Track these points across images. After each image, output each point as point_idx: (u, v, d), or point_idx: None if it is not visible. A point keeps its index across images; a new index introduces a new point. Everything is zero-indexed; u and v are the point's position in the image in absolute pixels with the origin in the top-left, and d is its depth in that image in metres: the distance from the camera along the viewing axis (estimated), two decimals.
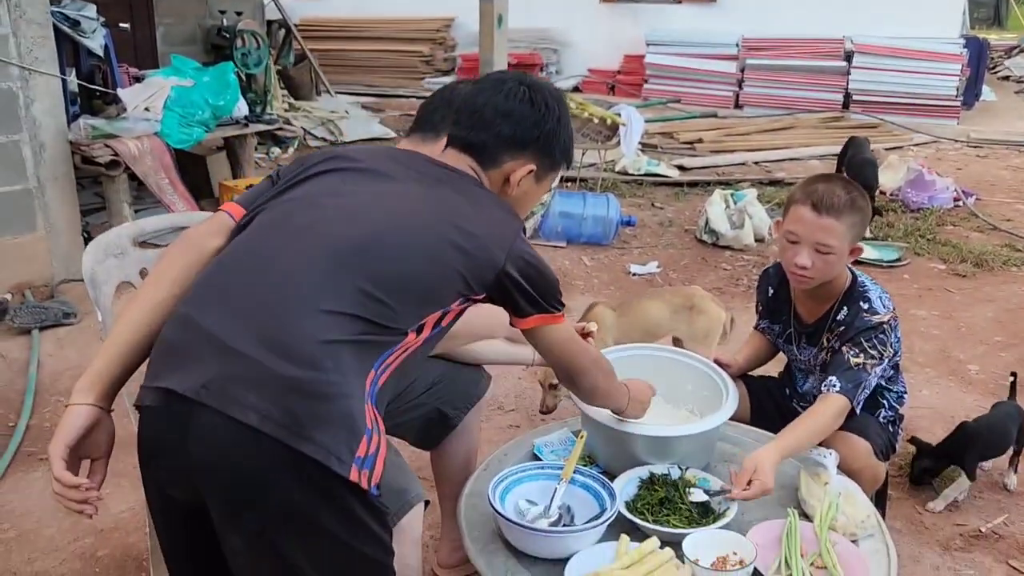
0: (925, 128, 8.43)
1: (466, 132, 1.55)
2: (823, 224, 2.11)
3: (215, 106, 4.56)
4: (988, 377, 3.62)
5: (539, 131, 1.54)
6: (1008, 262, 4.96)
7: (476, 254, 1.41)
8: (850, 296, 2.23)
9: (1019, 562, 2.50)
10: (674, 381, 2.25)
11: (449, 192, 1.47)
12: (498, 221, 1.48)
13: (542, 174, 1.59)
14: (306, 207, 1.44)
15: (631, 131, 5.58)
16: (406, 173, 1.50)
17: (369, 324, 1.32)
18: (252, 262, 1.38)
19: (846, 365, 2.15)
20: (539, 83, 1.58)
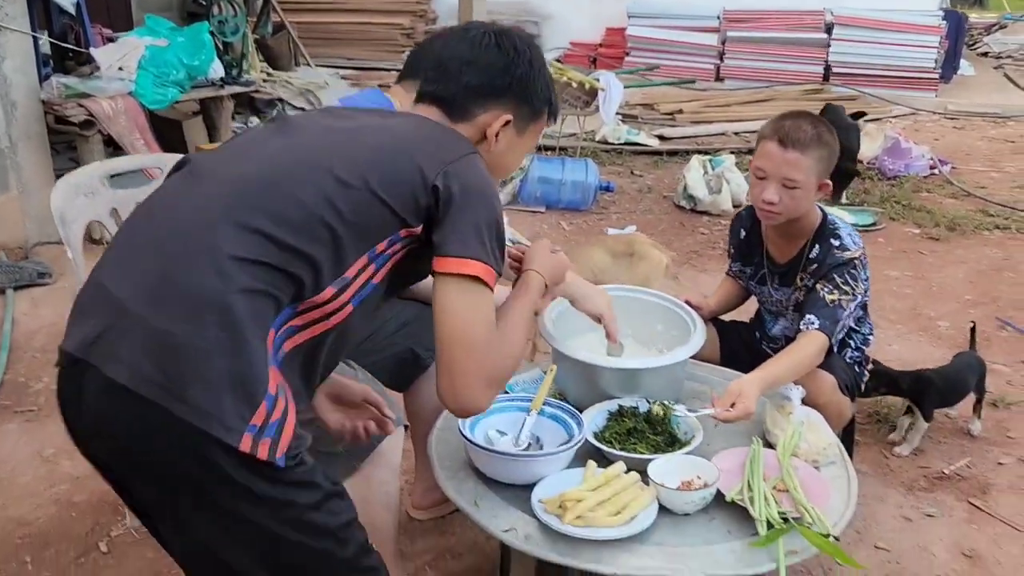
0: (904, 100, 8.48)
1: (433, 86, 1.44)
2: (788, 158, 2.15)
3: (190, 66, 4.52)
4: (957, 332, 3.68)
5: (510, 77, 1.43)
6: (980, 226, 5.03)
7: (401, 173, 1.28)
8: (821, 234, 2.27)
9: (980, 500, 2.56)
10: (644, 321, 2.28)
11: (389, 123, 1.37)
12: (440, 141, 1.35)
13: (523, 124, 1.47)
14: (220, 157, 1.35)
15: (610, 97, 5.58)
16: (351, 116, 1.42)
17: (271, 272, 1.19)
18: (155, 212, 1.29)
19: (822, 302, 2.19)
20: (507, 29, 1.48)
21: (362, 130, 1.35)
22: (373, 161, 1.28)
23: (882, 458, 2.76)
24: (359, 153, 1.30)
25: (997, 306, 3.97)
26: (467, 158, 1.34)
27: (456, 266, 1.29)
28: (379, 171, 1.28)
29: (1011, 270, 4.41)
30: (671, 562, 1.58)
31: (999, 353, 3.50)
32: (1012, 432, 2.93)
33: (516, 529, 1.63)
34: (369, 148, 1.31)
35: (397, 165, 1.29)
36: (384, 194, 1.27)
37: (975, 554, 2.34)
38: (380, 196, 1.27)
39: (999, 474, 2.69)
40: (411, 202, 1.29)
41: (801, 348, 2.16)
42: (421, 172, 1.29)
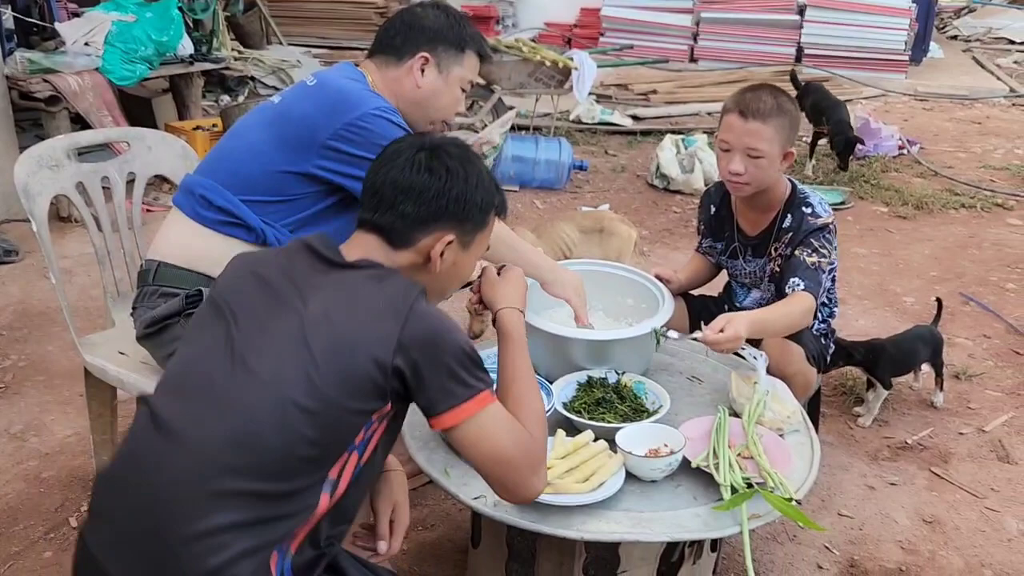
0: (874, 82, 8.55)
1: (370, 214, 1.42)
2: (750, 128, 2.18)
3: (158, 42, 4.46)
4: (922, 308, 3.75)
5: (445, 199, 1.40)
6: (947, 205, 5.11)
7: (358, 373, 1.26)
8: (792, 203, 2.31)
9: (940, 469, 2.63)
10: (614, 295, 2.30)
11: (325, 306, 1.30)
12: (380, 309, 1.30)
13: (467, 239, 1.44)
14: (183, 401, 1.30)
15: (583, 76, 5.58)
16: (281, 304, 1.33)
17: (265, 525, 1.23)
18: (130, 482, 1.28)
19: (803, 265, 2.24)
20: (439, 144, 1.44)
21: (307, 333, 1.27)
22: (328, 372, 1.26)
23: (847, 429, 2.82)
24: (312, 367, 1.25)
25: (961, 282, 4.04)
26: (413, 310, 1.30)
27: (453, 418, 1.32)
28: (337, 381, 1.26)
29: (975, 247, 4.49)
30: (637, 527, 1.61)
31: (962, 328, 3.57)
32: (973, 403, 3.00)
33: (485, 496, 1.65)
34: (321, 356, 1.26)
35: (353, 367, 1.27)
36: (349, 402, 1.27)
37: (935, 520, 2.40)
38: (346, 406, 1.27)
39: (959, 443, 2.76)
40: (376, 393, 1.29)
41: (791, 304, 2.20)
42: (377, 362, 1.27)
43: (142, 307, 1.88)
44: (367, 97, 1.85)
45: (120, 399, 2.37)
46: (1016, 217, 4.97)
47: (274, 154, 1.82)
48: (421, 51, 1.96)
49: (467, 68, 2.02)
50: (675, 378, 2.15)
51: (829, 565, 2.22)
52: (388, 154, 1.45)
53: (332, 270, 1.37)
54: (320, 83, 1.90)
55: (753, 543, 2.23)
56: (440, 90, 1.99)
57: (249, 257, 1.46)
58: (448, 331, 1.33)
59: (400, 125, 1.87)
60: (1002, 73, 9.25)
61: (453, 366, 1.31)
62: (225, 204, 1.83)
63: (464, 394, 1.32)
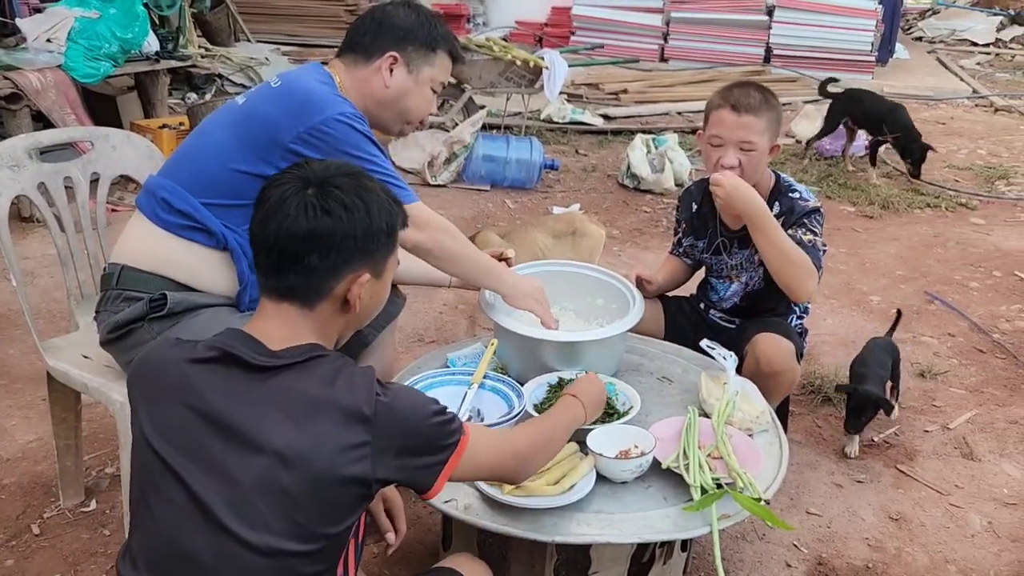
0: (842, 82, 8.66)
1: (274, 279, 1.29)
2: (743, 122, 2.22)
3: (123, 39, 4.38)
4: (888, 307, 3.80)
5: (353, 239, 1.28)
6: (912, 204, 5.19)
7: (336, 500, 1.22)
8: (778, 191, 2.35)
9: (906, 466, 2.66)
10: (585, 296, 2.31)
11: (287, 428, 1.21)
12: (343, 428, 1.22)
13: (380, 268, 1.36)
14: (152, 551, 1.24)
15: (554, 75, 5.59)
16: (237, 444, 1.21)
17: None
18: None
19: (802, 241, 2.26)
20: (326, 178, 1.30)
21: (279, 476, 1.19)
22: (313, 509, 1.20)
23: (815, 427, 2.85)
24: (297, 512, 1.19)
25: (926, 281, 4.11)
26: (376, 413, 1.22)
27: (442, 481, 1.31)
28: (325, 513, 1.21)
29: (940, 247, 4.57)
30: (608, 528, 1.61)
31: (927, 326, 3.63)
32: (938, 401, 3.04)
33: (456, 500, 1.65)
34: (301, 496, 1.19)
35: (337, 495, 1.22)
36: (342, 524, 1.24)
37: (901, 517, 2.43)
38: (339, 530, 1.24)
39: (925, 441, 2.80)
40: (363, 499, 1.26)
41: (796, 246, 2.23)
42: (359, 480, 1.22)
43: (105, 311, 1.85)
44: (333, 101, 1.82)
45: (84, 403, 2.33)
46: (979, 217, 5.06)
47: (236, 155, 1.79)
48: (390, 50, 1.94)
49: (438, 68, 2.00)
50: (646, 379, 2.15)
51: (797, 563, 2.24)
52: (272, 202, 1.28)
53: (268, 377, 1.24)
54: (285, 84, 1.87)
55: (723, 542, 2.23)
56: (409, 90, 1.97)
57: (173, 381, 1.26)
58: (414, 410, 1.28)
59: (365, 133, 1.84)
60: (965, 74, 9.41)
61: (429, 443, 1.29)
62: (186, 208, 1.80)
63: (444, 458, 1.30)
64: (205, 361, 1.26)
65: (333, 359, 1.28)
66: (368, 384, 1.25)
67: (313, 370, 1.25)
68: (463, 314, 3.57)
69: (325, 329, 1.34)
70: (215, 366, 1.26)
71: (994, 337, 3.51)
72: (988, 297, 3.94)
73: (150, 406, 1.27)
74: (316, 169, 1.33)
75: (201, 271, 1.83)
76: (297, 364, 1.25)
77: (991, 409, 3.00)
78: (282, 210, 1.28)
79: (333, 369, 1.26)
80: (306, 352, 1.27)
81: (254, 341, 1.27)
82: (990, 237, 4.72)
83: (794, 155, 6.07)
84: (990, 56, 10.76)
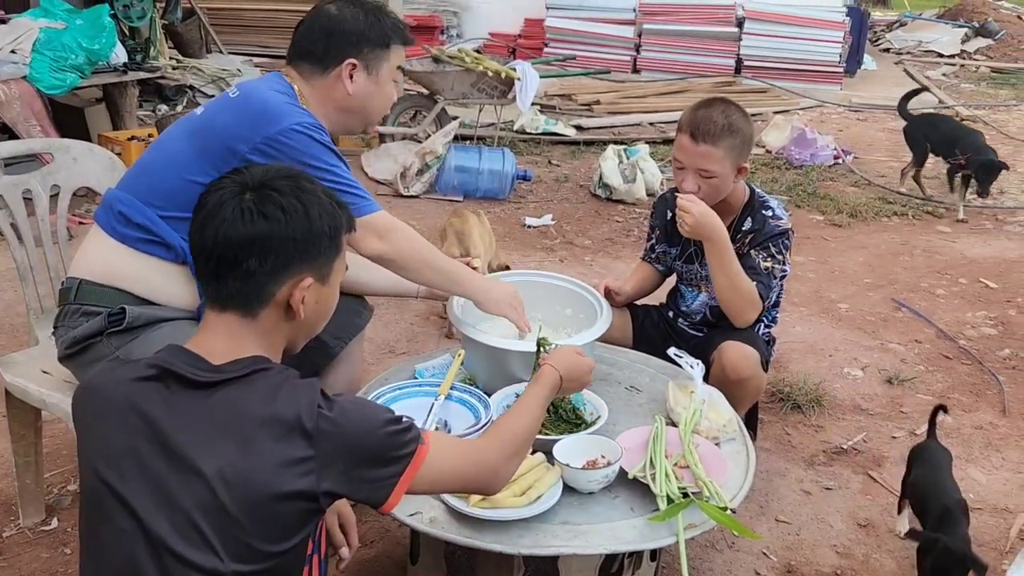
0: (810, 93, 8.77)
1: (214, 287, 1.27)
2: (700, 151, 2.23)
3: (89, 50, 4.34)
4: (856, 314, 3.84)
5: (291, 243, 1.26)
6: (880, 213, 5.25)
7: (286, 510, 1.19)
8: (752, 207, 2.38)
9: (876, 473, 2.68)
10: (554, 306, 2.31)
11: (228, 448, 1.18)
12: (285, 445, 1.19)
13: (324, 272, 1.33)
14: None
15: (526, 86, 5.61)
16: (179, 466, 1.19)
17: None
18: None
19: (757, 268, 2.31)
20: (264, 181, 1.28)
21: (223, 498, 1.17)
22: (258, 527, 1.18)
23: (784, 435, 2.86)
24: (243, 533, 1.17)
25: (894, 288, 4.15)
26: (319, 428, 1.20)
27: (399, 493, 1.27)
28: (272, 530, 1.19)
29: (907, 254, 4.62)
30: (574, 540, 1.60)
31: (894, 333, 3.67)
32: (905, 407, 3.07)
33: (421, 513, 1.63)
34: (245, 516, 1.17)
35: (281, 511, 1.19)
36: (292, 540, 1.21)
37: (869, 523, 2.45)
38: (290, 546, 1.21)
39: (892, 447, 2.82)
40: (312, 514, 1.23)
41: (746, 277, 2.28)
42: (304, 494, 1.19)
43: (63, 327, 1.82)
44: (290, 111, 1.81)
45: (46, 419, 2.29)
46: (945, 225, 5.14)
47: (193, 165, 1.77)
48: (347, 58, 1.91)
49: (394, 60, 1.98)
50: (614, 388, 2.15)
51: (767, 571, 2.25)
52: (209, 207, 1.26)
53: (210, 393, 1.21)
54: (243, 94, 1.86)
55: (692, 551, 2.25)
56: (372, 93, 1.96)
57: (117, 403, 1.23)
58: (362, 422, 1.24)
59: (324, 143, 1.82)
60: (932, 85, 9.57)
61: (381, 454, 1.24)
62: (143, 221, 1.78)
63: (400, 469, 1.26)
64: (147, 379, 1.24)
65: (276, 373, 1.26)
66: (310, 398, 1.22)
67: (255, 384, 1.23)
68: (434, 325, 3.56)
69: (270, 339, 1.31)
70: (156, 384, 1.23)
71: (960, 343, 3.56)
72: (954, 304, 3.99)
73: (95, 430, 1.25)
74: (255, 173, 1.31)
75: (160, 285, 1.81)
76: (238, 379, 1.23)
77: (957, 415, 3.03)
78: (219, 215, 1.25)
79: (275, 383, 1.23)
80: (248, 366, 1.24)
81: (195, 356, 1.25)
82: (956, 245, 4.79)
83: (764, 164, 6.13)
84: (955, 67, 10.96)
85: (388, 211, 1.96)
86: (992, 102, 8.83)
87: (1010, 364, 3.41)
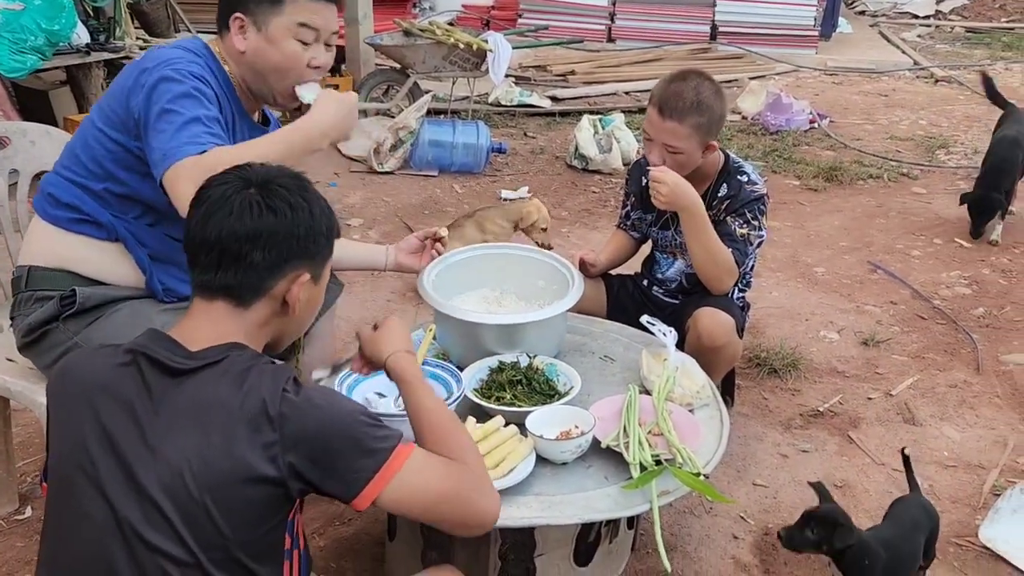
0: (786, 58, 8.73)
1: (210, 275, 1.26)
2: (667, 127, 2.22)
3: (49, 31, 4.23)
4: (832, 277, 3.86)
5: (295, 238, 1.28)
6: (856, 176, 5.25)
7: (254, 495, 1.18)
8: (727, 172, 2.37)
9: (853, 434, 2.70)
10: (527, 278, 2.29)
11: (196, 435, 1.18)
12: (251, 429, 1.18)
13: (318, 272, 1.35)
14: None
15: (499, 58, 5.54)
16: (147, 453, 1.18)
17: None
18: None
19: (733, 235, 2.31)
20: (269, 179, 1.30)
21: (191, 486, 1.16)
22: (227, 515, 1.16)
23: (761, 399, 2.88)
24: (212, 523, 1.16)
25: (869, 251, 4.17)
26: (284, 415, 1.18)
27: (373, 491, 1.22)
28: (241, 518, 1.17)
29: (883, 216, 4.64)
30: (548, 510, 1.60)
31: (870, 295, 3.68)
32: (880, 368, 3.10)
33: None
34: (214, 502, 1.16)
35: (249, 496, 1.17)
36: (259, 528, 1.20)
37: (845, 484, 2.47)
38: (259, 535, 1.20)
39: (868, 408, 2.85)
40: (282, 502, 1.21)
41: (721, 244, 2.29)
42: (271, 480, 1.17)
43: (19, 316, 1.78)
44: (168, 57, 1.70)
45: (15, 408, 2.26)
46: (920, 186, 5.15)
47: (100, 121, 1.73)
48: (234, 13, 1.78)
49: (292, 13, 1.77)
50: (588, 358, 2.15)
51: (744, 534, 2.26)
52: (213, 200, 1.26)
53: (183, 380, 1.21)
54: (146, 54, 1.78)
55: (669, 517, 2.26)
56: (263, 50, 1.78)
57: (92, 389, 1.22)
58: (330, 409, 1.23)
59: (182, 83, 1.65)
60: (907, 47, 9.56)
61: (352, 443, 1.21)
62: (71, 200, 1.74)
63: (375, 464, 1.22)
64: (124, 365, 1.23)
65: (247, 358, 1.25)
66: (277, 382, 1.21)
67: (225, 369, 1.22)
68: (411, 301, 3.54)
69: (258, 331, 1.31)
70: (132, 370, 1.23)
71: (935, 303, 3.58)
72: (929, 264, 4.01)
73: (71, 413, 1.23)
74: (257, 171, 1.32)
75: (103, 264, 1.77)
76: (211, 364, 1.22)
77: (932, 374, 3.06)
78: (224, 208, 1.26)
79: (244, 368, 1.22)
80: (223, 352, 1.24)
81: (172, 343, 1.25)
82: (931, 205, 4.81)
83: (740, 131, 6.11)
84: (930, 28, 10.94)
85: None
86: (967, 62, 8.83)
87: (984, 323, 3.44)
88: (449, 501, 1.27)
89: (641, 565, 2.13)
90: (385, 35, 5.81)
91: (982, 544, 2.23)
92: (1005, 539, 2.22)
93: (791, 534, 1.85)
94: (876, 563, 1.81)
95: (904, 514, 1.99)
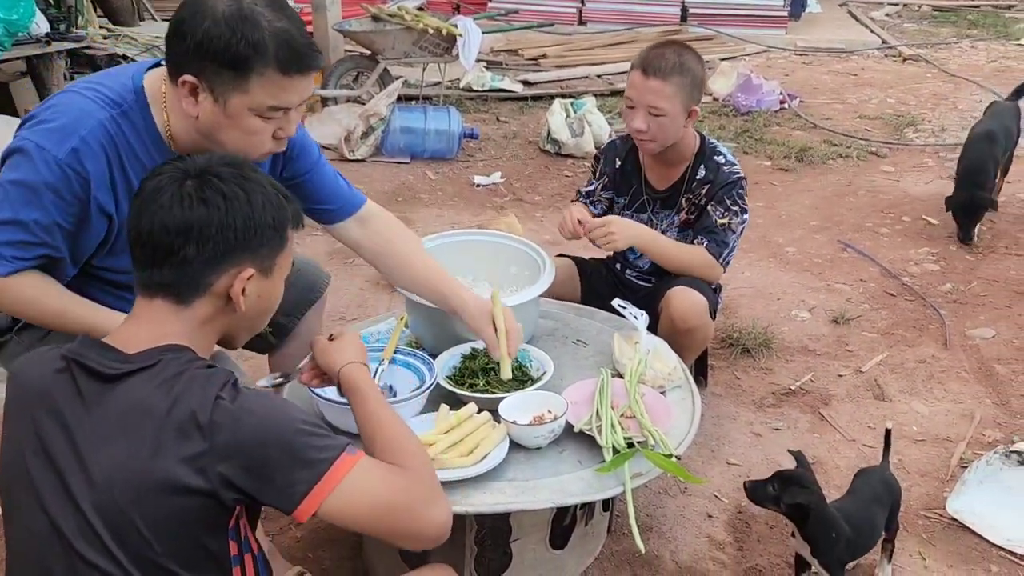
0: (756, 39, 8.76)
1: (147, 271, 1.22)
2: (651, 86, 2.22)
3: (7, 21, 4.15)
4: (803, 257, 3.89)
5: (232, 231, 1.21)
6: (826, 156, 5.30)
7: (185, 507, 1.14)
8: (703, 155, 2.38)
9: (824, 411, 2.74)
10: (499, 265, 2.29)
11: (123, 445, 1.14)
12: (180, 437, 1.14)
13: (267, 265, 1.28)
14: None
15: (468, 42, 5.51)
16: (78, 466, 1.15)
17: None
18: None
19: (712, 227, 2.33)
20: (206, 167, 1.24)
21: (121, 500, 1.13)
22: (159, 523, 1.13)
23: (735, 379, 2.91)
24: (146, 530, 1.13)
25: (840, 230, 4.21)
26: (214, 422, 1.13)
27: (314, 501, 1.16)
28: (174, 527, 1.14)
29: (852, 195, 4.68)
30: (522, 495, 1.61)
31: (840, 274, 3.72)
32: (850, 346, 3.13)
33: None
34: (145, 515, 1.12)
35: (179, 508, 1.13)
36: (202, 538, 1.16)
37: (817, 461, 2.50)
38: (201, 544, 1.17)
39: (839, 385, 2.88)
40: (218, 512, 1.17)
41: (689, 249, 2.34)
42: (203, 492, 1.13)
43: None
44: (61, 114, 1.50)
45: None
46: (889, 164, 5.20)
47: None
48: (184, 71, 1.46)
49: (260, 94, 1.47)
50: (560, 343, 2.16)
51: (718, 513, 2.29)
52: (148, 192, 1.22)
53: (115, 385, 1.17)
54: (56, 97, 1.57)
55: (644, 498, 2.29)
56: (221, 125, 1.50)
57: (35, 396, 1.20)
58: (268, 418, 1.17)
59: (36, 161, 1.47)
60: (875, 26, 9.62)
61: (289, 454, 1.15)
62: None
63: (313, 475, 1.16)
64: (59, 372, 1.20)
65: (181, 362, 1.20)
66: (209, 388, 1.16)
67: (157, 374, 1.18)
68: (384, 290, 3.53)
69: (203, 330, 1.26)
70: (66, 376, 1.20)
71: (903, 280, 3.63)
72: (898, 242, 4.06)
73: (13, 424, 1.21)
74: (198, 161, 1.27)
75: None
76: (145, 368, 1.18)
77: (901, 350, 3.11)
78: (156, 201, 1.21)
79: (175, 373, 1.18)
80: (157, 355, 1.19)
81: (106, 347, 1.21)
82: (900, 183, 4.86)
83: (712, 112, 6.13)
84: (898, 7, 11.02)
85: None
86: (934, 40, 8.91)
87: (951, 298, 3.49)
88: (395, 513, 1.22)
89: (617, 546, 2.15)
90: (353, 21, 5.75)
91: (950, 516, 2.27)
92: (972, 510, 2.27)
93: (755, 485, 1.89)
94: (842, 534, 1.84)
95: (865, 486, 2.03)
